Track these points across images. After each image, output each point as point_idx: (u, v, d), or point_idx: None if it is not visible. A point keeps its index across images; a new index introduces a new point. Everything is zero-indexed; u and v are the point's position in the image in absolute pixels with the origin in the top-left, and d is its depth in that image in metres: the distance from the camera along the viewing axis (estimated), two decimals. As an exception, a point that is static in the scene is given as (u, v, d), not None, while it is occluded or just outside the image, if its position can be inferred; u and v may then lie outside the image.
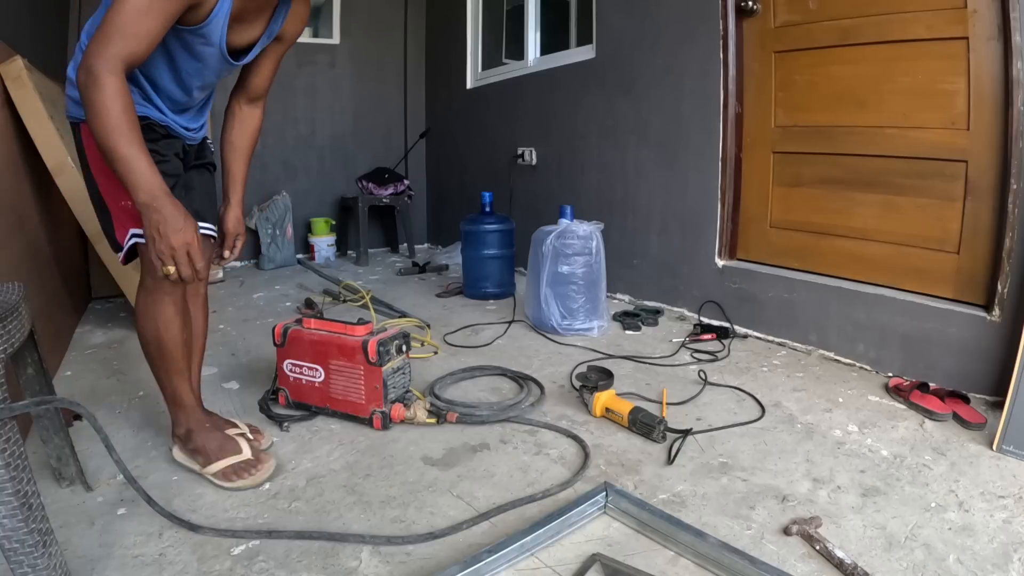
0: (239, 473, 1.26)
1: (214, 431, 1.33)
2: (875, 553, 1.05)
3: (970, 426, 1.51)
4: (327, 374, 1.56)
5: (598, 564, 1.00)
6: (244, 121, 1.44)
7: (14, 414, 0.80)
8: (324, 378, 1.57)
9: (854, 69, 2.00)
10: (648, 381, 1.87)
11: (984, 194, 1.73)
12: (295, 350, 1.60)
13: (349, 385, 1.54)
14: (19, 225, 1.82)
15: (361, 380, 1.52)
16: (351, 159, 4.23)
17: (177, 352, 1.29)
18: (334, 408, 1.57)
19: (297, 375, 1.61)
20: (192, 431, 1.32)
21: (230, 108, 1.44)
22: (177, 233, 1.07)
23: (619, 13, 2.78)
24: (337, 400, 1.56)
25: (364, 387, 1.52)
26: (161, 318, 1.25)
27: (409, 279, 3.47)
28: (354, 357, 1.51)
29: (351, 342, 1.52)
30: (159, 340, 1.26)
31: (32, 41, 2.48)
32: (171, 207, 1.07)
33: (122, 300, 2.70)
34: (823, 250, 2.15)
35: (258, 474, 1.27)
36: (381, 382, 1.50)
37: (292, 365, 1.61)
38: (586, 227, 2.32)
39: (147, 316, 1.26)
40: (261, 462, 1.29)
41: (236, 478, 1.26)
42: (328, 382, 1.57)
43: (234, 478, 1.26)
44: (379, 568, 1.02)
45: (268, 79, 1.42)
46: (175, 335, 1.27)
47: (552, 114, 3.25)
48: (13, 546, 0.78)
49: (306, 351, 1.58)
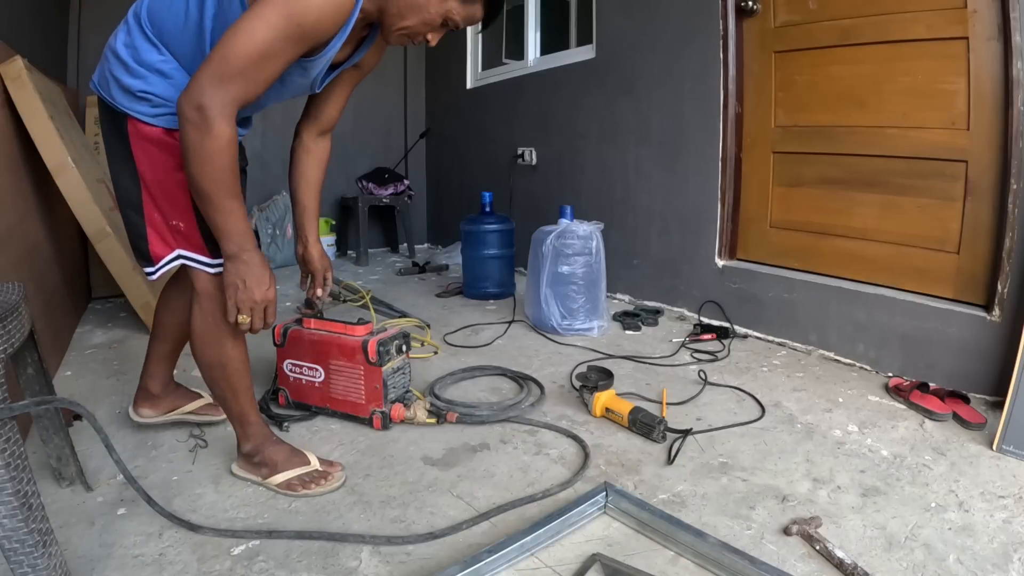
0: (305, 484, 1.23)
1: (281, 443, 1.29)
2: (875, 553, 1.05)
3: (970, 426, 1.51)
4: (327, 374, 1.56)
5: (598, 564, 1.00)
6: (317, 155, 1.40)
7: (14, 414, 0.80)
8: (324, 378, 1.57)
9: (854, 69, 2.00)
10: (648, 381, 1.87)
11: (984, 194, 1.73)
12: (295, 350, 1.59)
13: (349, 385, 1.54)
14: (19, 225, 1.82)
15: (361, 380, 1.52)
16: (351, 159, 4.22)
17: (240, 371, 1.24)
18: (334, 408, 1.57)
19: (297, 375, 1.60)
20: (261, 445, 1.27)
21: (301, 142, 1.38)
22: (261, 288, 1.08)
23: (619, 13, 2.78)
24: (337, 400, 1.56)
25: (364, 387, 1.52)
26: (225, 342, 1.19)
27: (409, 279, 3.47)
28: (354, 357, 1.51)
29: (351, 342, 1.52)
30: (223, 365, 1.21)
31: (32, 41, 2.48)
32: (259, 262, 1.07)
33: (122, 300, 2.70)
34: (823, 250, 2.15)
35: (329, 483, 1.25)
36: (381, 382, 1.49)
37: (292, 365, 1.61)
38: (586, 227, 2.32)
39: (208, 342, 1.20)
40: (332, 471, 1.27)
41: (302, 488, 1.23)
42: (328, 382, 1.56)
43: (300, 488, 1.23)
44: (379, 568, 1.02)
45: (340, 108, 1.38)
46: (238, 356, 1.22)
47: (552, 114, 3.25)
48: (13, 546, 0.78)
49: (306, 351, 1.58)
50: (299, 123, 1.39)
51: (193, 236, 1.14)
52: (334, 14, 1.00)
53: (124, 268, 2.24)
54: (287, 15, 0.96)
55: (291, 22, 0.96)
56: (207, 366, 1.22)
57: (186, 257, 1.16)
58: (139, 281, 2.25)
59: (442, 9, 1.11)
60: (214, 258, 1.14)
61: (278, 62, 1.00)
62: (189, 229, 1.14)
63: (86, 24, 3.27)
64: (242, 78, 0.97)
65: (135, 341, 2.24)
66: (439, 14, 1.11)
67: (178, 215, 1.14)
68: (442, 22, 1.13)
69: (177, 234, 1.15)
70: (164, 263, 1.18)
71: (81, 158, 2.26)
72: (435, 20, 1.12)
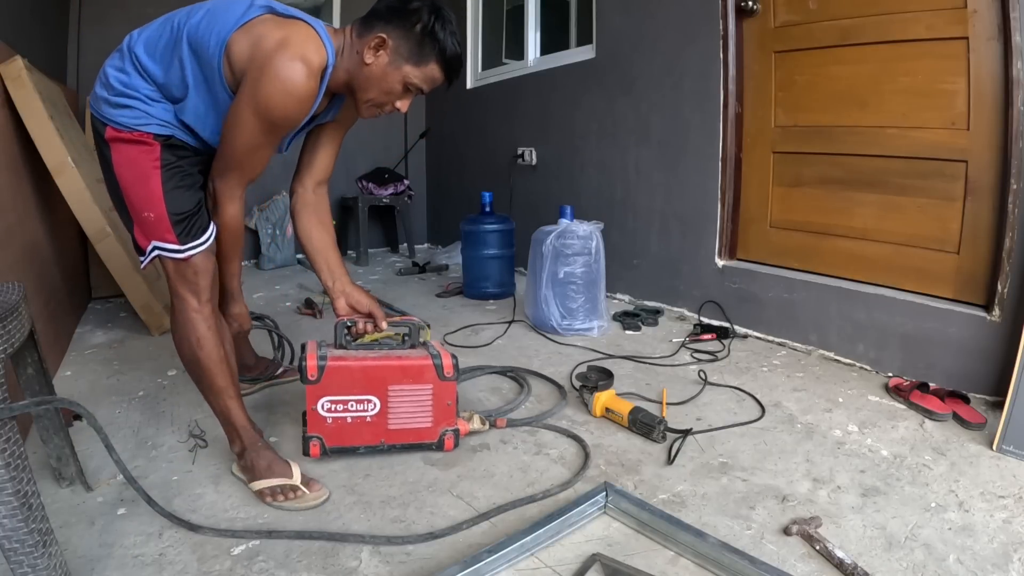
0: (275, 496, 1.20)
1: (267, 450, 1.28)
2: (875, 553, 1.05)
3: (970, 426, 1.51)
4: (383, 404, 1.35)
5: (598, 564, 1.00)
6: (318, 208, 1.46)
7: (14, 414, 0.80)
8: (379, 409, 1.36)
9: (854, 69, 2.00)
10: (648, 381, 1.87)
11: (984, 194, 1.73)
12: (336, 384, 1.33)
13: (414, 410, 1.37)
14: (19, 225, 1.82)
15: (430, 400, 1.37)
16: (351, 159, 4.21)
17: (216, 368, 1.25)
18: (391, 442, 1.38)
19: (339, 414, 1.34)
20: (245, 449, 1.27)
21: (299, 199, 1.44)
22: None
23: (619, 13, 2.78)
24: (396, 431, 1.38)
25: (433, 407, 1.38)
26: (194, 335, 1.24)
27: (409, 279, 3.47)
28: (422, 376, 1.36)
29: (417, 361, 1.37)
30: (196, 359, 1.25)
31: (32, 41, 2.48)
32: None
33: (122, 300, 2.70)
34: (823, 250, 2.15)
35: (300, 500, 1.20)
36: (455, 398, 1.38)
37: (331, 403, 1.33)
38: (586, 227, 2.32)
39: (180, 336, 1.26)
40: (310, 489, 1.22)
41: (272, 500, 1.20)
42: (385, 412, 1.36)
43: (270, 500, 1.21)
44: (379, 568, 1.02)
45: (332, 161, 1.47)
46: (211, 351, 1.24)
47: (552, 114, 3.25)
48: (13, 546, 0.78)
49: (354, 383, 1.33)
50: (293, 181, 1.46)
51: (162, 222, 1.21)
52: (298, 105, 1.14)
53: (124, 268, 2.24)
54: (260, 116, 1.13)
55: (264, 120, 1.14)
56: (185, 362, 1.28)
57: (159, 248, 1.23)
58: (139, 281, 2.25)
59: (398, 76, 1.21)
60: (183, 244, 1.22)
61: (266, 149, 1.21)
62: (159, 216, 1.21)
63: (86, 24, 3.27)
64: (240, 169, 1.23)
65: (135, 341, 2.24)
66: (397, 81, 1.21)
67: (150, 206, 1.21)
68: (404, 88, 1.23)
69: (150, 225, 1.22)
70: (147, 255, 1.26)
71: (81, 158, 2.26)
72: (395, 88, 1.22)
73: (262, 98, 1.10)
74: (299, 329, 2.41)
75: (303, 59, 1.11)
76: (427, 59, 1.20)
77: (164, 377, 1.89)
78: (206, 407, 1.56)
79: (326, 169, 1.45)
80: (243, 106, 1.13)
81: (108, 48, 1.32)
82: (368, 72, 1.20)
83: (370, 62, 1.19)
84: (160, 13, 1.25)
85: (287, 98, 1.11)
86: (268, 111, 1.12)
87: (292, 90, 1.11)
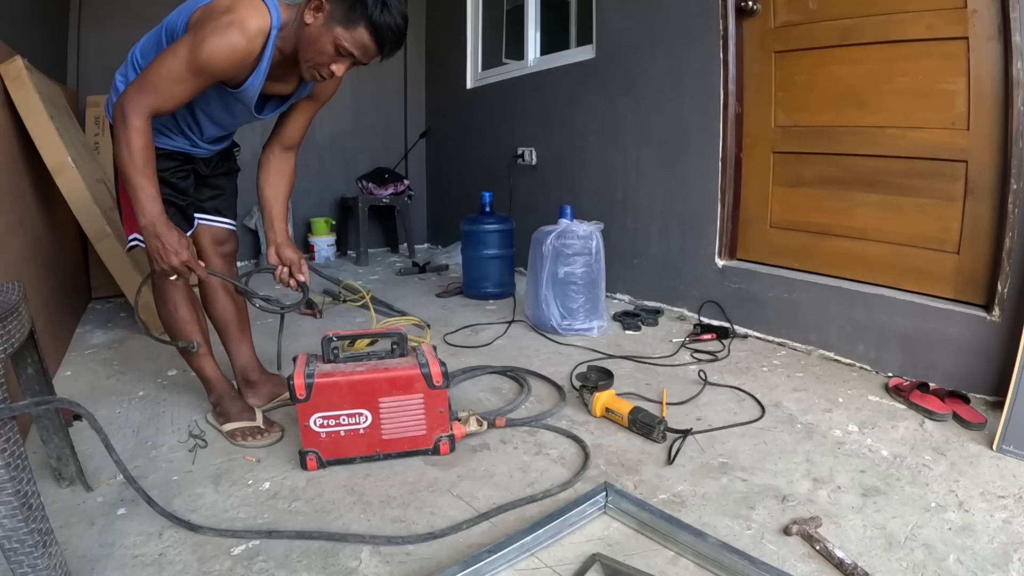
0: (245, 436, 1.45)
1: (238, 400, 1.55)
2: (875, 553, 1.05)
3: (970, 426, 1.51)
4: (375, 416, 1.36)
5: (598, 564, 1.01)
6: (279, 168, 1.56)
7: (14, 414, 0.80)
8: (371, 421, 1.36)
9: (854, 69, 2.00)
10: (648, 381, 1.87)
11: (984, 194, 1.73)
12: (325, 401, 1.33)
13: (407, 420, 1.38)
14: (19, 225, 1.82)
15: (422, 409, 1.38)
16: (351, 159, 4.23)
17: (189, 328, 1.49)
18: (386, 451, 1.38)
19: (331, 428, 1.35)
20: (221, 398, 1.53)
21: (265, 156, 1.56)
22: (173, 256, 1.27)
23: (619, 13, 2.78)
24: (390, 441, 1.38)
25: (426, 416, 1.38)
26: (170, 302, 1.47)
27: (409, 279, 3.47)
28: (412, 387, 1.36)
29: (405, 372, 1.36)
30: (172, 322, 1.48)
31: (32, 41, 2.48)
32: (167, 234, 1.26)
33: (122, 300, 2.70)
34: (823, 250, 2.15)
35: (262, 439, 1.45)
36: (447, 405, 1.39)
37: (323, 419, 1.33)
38: (586, 227, 2.32)
39: (159, 304, 1.48)
40: (270, 430, 1.48)
41: (242, 440, 1.45)
42: (377, 424, 1.36)
43: (240, 440, 1.45)
44: (379, 568, 1.02)
45: (302, 131, 1.57)
46: (185, 315, 1.48)
47: (552, 114, 3.25)
48: (13, 546, 0.78)
49: (343, 398, 1.34)
50: (265, 143, 1.58)
51: None
52: (227, 54, 1.22)
53: (124, 268, 2.25)
54: (190, 50, 1.21)
55: (191, 57, 1.21)
56: (165, 327, 1.51)
57: (137, 240, 1.43)
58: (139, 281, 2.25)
59: (330, 38, 1.25)
60: None
61: (184, 88, 1.25)
62: None
63: (86, 24, 3.27)
64: (153, 91, 1.23)
65: (135, 341, 2.24)
66: (329, 43, 1.25)
67: None
68: (336, 50, 1.26)
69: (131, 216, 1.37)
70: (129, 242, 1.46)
71: (81, 158, 2.26)
72: (327, 49, 1.26)
73: (199, 39, 1.21)
74: (299, 329, 2.41)
75: (242, 19, 1.22)
76: (356, 22, 1.23)
77: (164, 377, 1.89)
78: (206, 407, 1.59)
79: (294, 137, 1.56)
80: (182, 42, 1.23)
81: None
82: (307, 32, 1.26)
83: (309, 22, 1.25)
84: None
85: (219, 47, 1.21)
86: (198, 50, 1.20)
87: (225, 42, 1.21)
